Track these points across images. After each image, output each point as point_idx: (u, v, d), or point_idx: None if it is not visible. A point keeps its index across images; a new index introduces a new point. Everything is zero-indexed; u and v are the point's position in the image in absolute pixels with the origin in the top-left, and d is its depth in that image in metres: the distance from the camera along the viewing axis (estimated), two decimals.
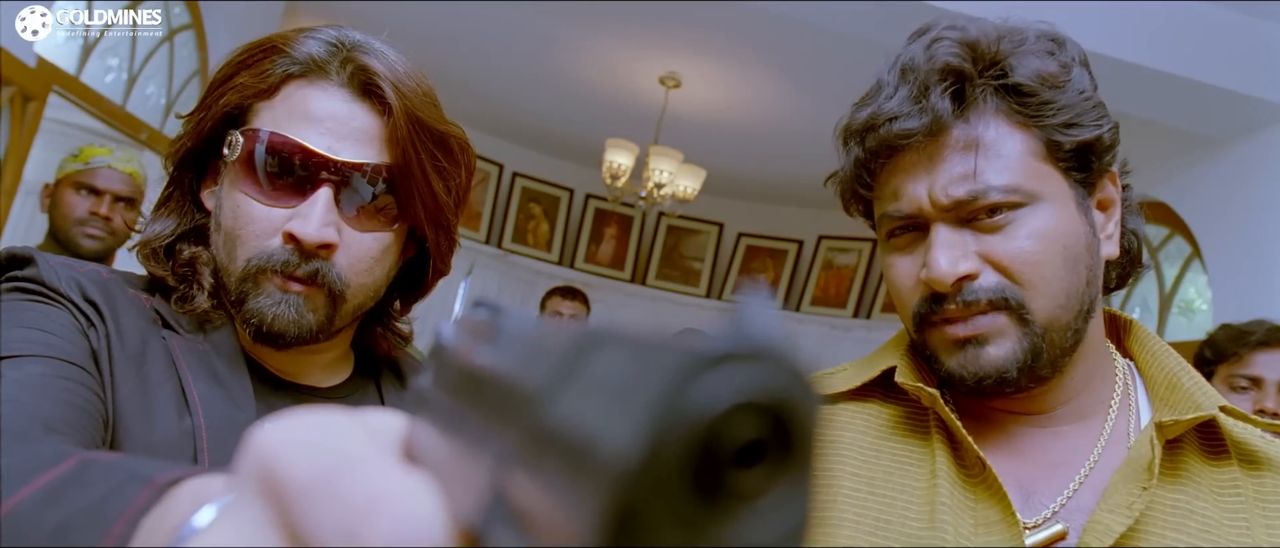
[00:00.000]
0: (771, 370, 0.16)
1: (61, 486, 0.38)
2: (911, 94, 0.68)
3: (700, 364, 0.15)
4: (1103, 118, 0.69)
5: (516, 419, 0.19)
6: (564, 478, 0.16)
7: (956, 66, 0.67)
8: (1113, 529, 0.62)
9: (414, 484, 0.21)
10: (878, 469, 0.71)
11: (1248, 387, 1.89)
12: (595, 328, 0.18)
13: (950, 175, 0.67)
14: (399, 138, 0.71)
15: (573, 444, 0.16)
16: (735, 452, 0.15)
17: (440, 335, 0.28)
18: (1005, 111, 0.68)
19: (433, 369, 0.27)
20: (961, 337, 0.68)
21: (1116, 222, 0.73)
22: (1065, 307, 0.67)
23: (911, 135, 0.67)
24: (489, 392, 0.21)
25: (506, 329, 0.23)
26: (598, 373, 0.17)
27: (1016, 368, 0.67)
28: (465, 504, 0.20)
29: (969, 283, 0.67)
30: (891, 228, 0.72)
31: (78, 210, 2.06)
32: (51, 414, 0.56)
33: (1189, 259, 3.51)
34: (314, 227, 0.69)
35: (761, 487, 0.16)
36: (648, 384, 0.15)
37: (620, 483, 0.15)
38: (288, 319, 0.71)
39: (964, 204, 0.67)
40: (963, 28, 0.70)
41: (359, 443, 0.22)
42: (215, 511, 0.25)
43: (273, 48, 0.73)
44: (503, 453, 0.19)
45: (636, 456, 0.15)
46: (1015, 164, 0.67)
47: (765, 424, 0.16)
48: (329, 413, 0.24)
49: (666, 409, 0.15)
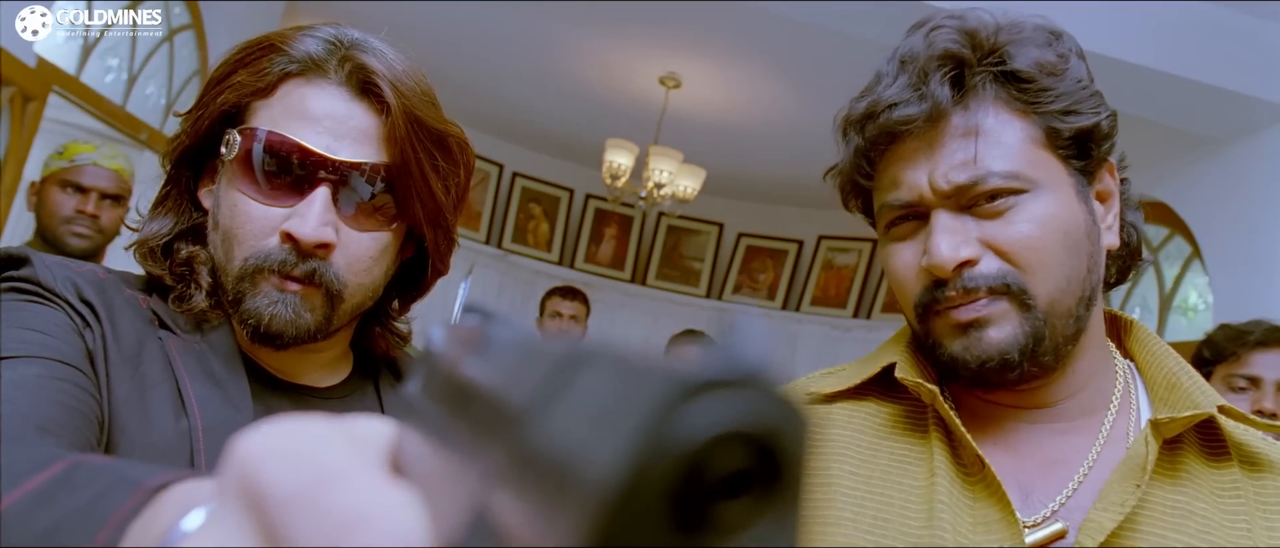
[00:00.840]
0: (760, 400, 0.15)
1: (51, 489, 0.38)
2: (911, 81, 0.68)
3: (687, 391, 0.15)
4: (1100, 106, 0.70)
5: (501, 437, 0.18)
6: (546, 500, 0.16)
7: (956, 53, 0.68)
8: (1105, 526, 0.62)
9: (397, 499, 0.21)
10: (876, 468, 0.71)
11: (1246, 387, 1.89)
12: (584, 345, 0.18)
13: (951, 162, 0.67)
14: (397, 137, 0.71)
15: (555, 466, 0.16)
16: (720, 482, 0.15)
17: (431, 341, 0.27)
18: (1004, 99, 0.68)
19: (422, 376, 0.27)
20: (964, 321, 0.68)
21: (1116, 214, 0.73)
22: (1066, 291, 0.67)
23: (911, 121, 0.67)
24: (476, 405, 0.21)
25: (496, 339, 0.23)
26: (584, 394, 0.17)
27: (1018, 351, 0.67)
28: (448, 521, 0.20)
29: (970, 269, 0.67)
30: (892, 218, 0.72)
31: (64, 209, 2.05)
32: (45, 416, 0.56)
33: (1189, 259, 3.51)
34: (311, 226, 0.69)
35: (745, 519, 0.15)
36: (633, 409, 0.15)
37: (601, 509, 0.14)
38: (285, 319, 0.70)
39: (965, 190, 0.67)
40: (961, 16, 0.70)
41: (342, 455, 0.22)
42: (204, 515, 0.25)
43: (271, 46, 0.73)
44: (487, 471, 0.19)
45: (618, 482, 0.14)
46: (1015, 150, 0.67)
47: (751, 455, 0.15)
48: (313, 422, 0.23)
49: (650, 437, 0.14)
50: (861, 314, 5.19)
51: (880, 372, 0.75)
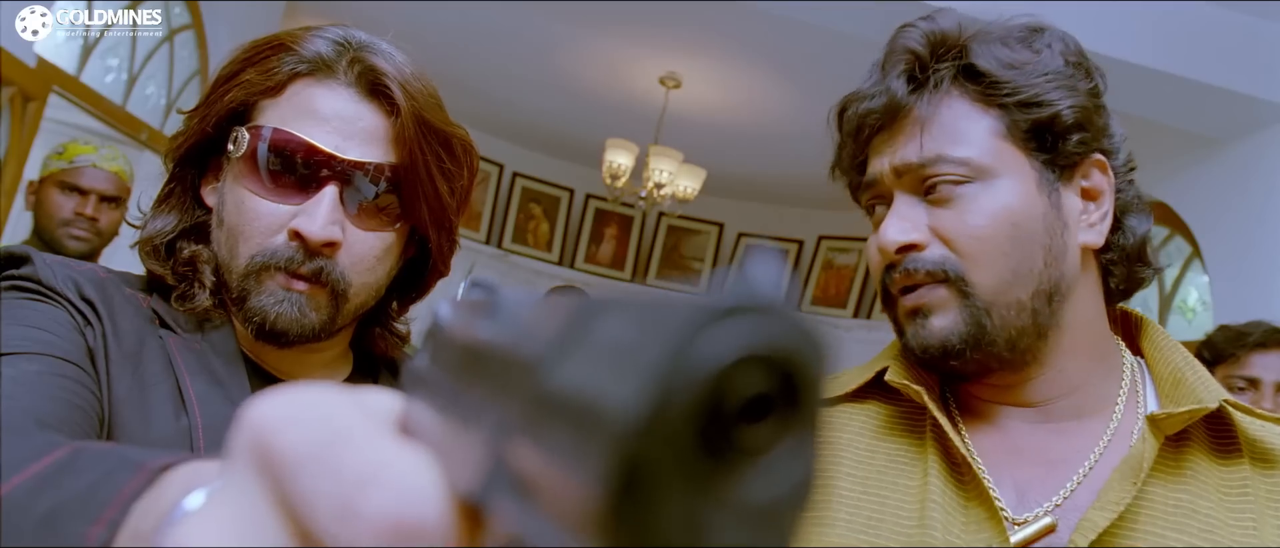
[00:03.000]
0: (778, 324, 0.15)
1: (54, 472, 0.38)
2: (876, 78, 0.72)
3: (705, 317, 0.15)
4: (1066, 97, 0.69)
5: (517, 388, 0.18)
6: (568, 440, 0.16)
7: (915, 50, 0.71)
8: (1098, 525, 0.62)
9: (411, 456, 0.21)
10: (872, 469, 0.71)
11: (1245, 388, 1.89)
12: (597, 296, 0.18)
13: (907, 147, 0.70)
14: (406, 138, 0.71)
15: (576, 406, 0.16)
16: (741, 406, 0.15)
17: (437, 316, 0.27)
18: (969, 94, 0.70)
19: (429, 349, 0.27)
20: (909, 307, 0.70)
21: (1105, 213, 0.72)
22: (1011, 284, 0.68)
23: (871, 115, 0.71)
24: (488, 364, 0.21)
25: (504, 304, 0.23)
26: (600, 336, 0.16)
27: (959, 339, 0.68)
28: (464, 475, 0.20)
29: (914, 253, 0.69)
30: (867, 203, 0.76)
31: (62, 211, 2.04)
32: (46, 411, 0.56)
33: (1189, 259, 3.51)
34: (320, 224, 0.69)
35: (768, 441, 0.15)
36: (652, 340, 0.15)
37: (626, 440, 0.14)
38: (290, 317, 0.71)
39: (914, 169, 0.70)
40: (933, 17, 0.73)
41: (354, 417, 0.22)
42: (206, 494, 0.25)
43: (280, 46, 0.73)
44: (503, 422, 0.19)
45: (642, 411, 0.14)
46: (974, 140, 0.69)
47: (772, 378, 0.15)
48: (323, 389, 0.23)
49: (671, 363, 0.14)
50: (861, 314, 5.19)
51: (877, 375, 0.75)
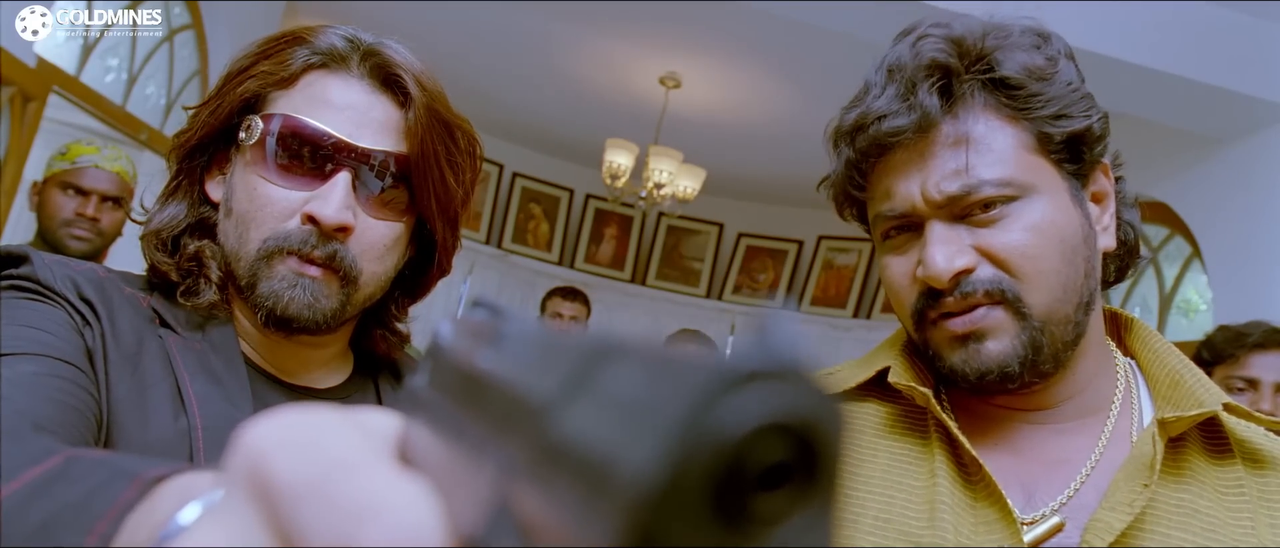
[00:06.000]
0: (799, 391, 0.15)
1: (47, 482, 0.37)
2: (899, 92, 0.68)
3: (726, 382, 0.14)
4: (1091, 109, 0.69)
5: (523, 430, 0.18)
6: (578, 496, 0.15)
7: (943, 62, 0.67)
8: (1114, 527, 0.62)
9: (410, 489, 0.20)
10: (876, 468, 0.71)
11: (1244, 388, 1.88)
12: (604, 338, 0.18)
13: (942, 172, 0.67)
14: (418, 129, 0.73)
15: (589, 462, 0.15)
16: (759, 474, 0.15)
17: (438, 335, 0.27)
18: (994, 106, 0.68)
19: (430, 370, 0.26)
20: (961, 332, 0.67)
21: (1112, 214, 0.73)
22: (1063, 300, 0.67)
23: (901, 133, 0.67)
24: (492, 398, 0.20)
25: (509, 332, 0.22)
26: (613, 386, 0.16)
27: (1018, 362, 0.66)
28: (465, 513, 0.20)
29: (965, 276, 0.67)
30: (886, 228, 0.72)
31: (64, 211, 2.04)
32: (43, 413, 0.56)
33: (1189, 259, 3.51)
34: (334, 208, 0.70)
35: (784, 511, 0.15)
36: (670, 402, 0.14)
37: (641, 503, 0.14)
38: (302, 303, 0.71)
39: (957, 200, 0.67)
40: (947, 25, 0.70)
41: (353, 445, 0.21)
42: (200, 507, 0.25)
43: (294, 38, 0.75)
44: (507, 464, 0.18)
45: (660, 475, 0.14)
46: (1007, 157, 0.67)
47: (791, 447, 0.15)
48: (321, 412, 0.23)
49: (691, 427, 0.14)
50: (861, 314, 5.19)
51: (878, 373, 0.75)
